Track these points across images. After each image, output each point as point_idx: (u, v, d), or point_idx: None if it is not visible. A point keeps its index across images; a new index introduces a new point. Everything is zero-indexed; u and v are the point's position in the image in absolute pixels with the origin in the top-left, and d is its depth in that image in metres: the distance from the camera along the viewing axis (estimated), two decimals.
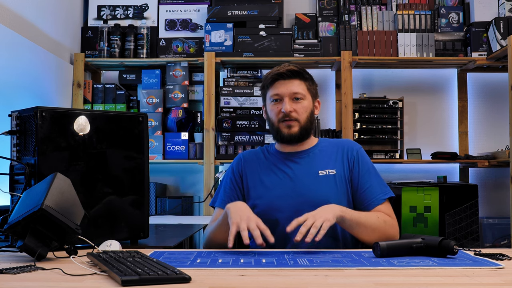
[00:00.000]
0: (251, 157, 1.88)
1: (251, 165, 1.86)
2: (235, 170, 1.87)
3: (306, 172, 1.78)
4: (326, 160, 1.80)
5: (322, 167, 1.79)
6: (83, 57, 3.39)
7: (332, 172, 1.78)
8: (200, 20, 3.61)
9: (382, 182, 1.79)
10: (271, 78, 1.80)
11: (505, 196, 3.37)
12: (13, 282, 1.09)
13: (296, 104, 1.77)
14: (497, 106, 3.59)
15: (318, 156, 1.82)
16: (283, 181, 1.78)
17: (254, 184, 1.82)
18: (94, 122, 1.61)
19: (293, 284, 1.09)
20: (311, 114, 1.81)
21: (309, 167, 1.79)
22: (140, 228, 1.69)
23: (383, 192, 1.76)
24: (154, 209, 3.32)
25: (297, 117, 1.77)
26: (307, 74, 1.83)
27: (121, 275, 1.05)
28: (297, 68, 1.79)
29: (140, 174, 1.69)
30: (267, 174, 1.81)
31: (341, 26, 3.42)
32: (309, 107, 1.80)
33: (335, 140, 1.90)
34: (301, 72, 1.80)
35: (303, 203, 1.72)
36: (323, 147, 1.85)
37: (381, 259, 1.36)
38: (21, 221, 1.30)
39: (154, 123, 3.43)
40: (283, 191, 1.76)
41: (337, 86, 3.61)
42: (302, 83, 1.79)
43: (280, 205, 1.75)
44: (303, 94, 1.78)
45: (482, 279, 1.13)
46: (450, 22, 3.47)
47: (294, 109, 1.76)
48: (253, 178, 1.83)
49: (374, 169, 1.81)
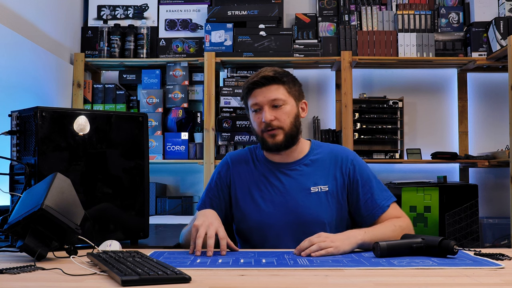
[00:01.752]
0: (240, 162, 1.78)
1: (239, 172, 1.76)
2: (222, 177, 1.77)
3: (298, 188, 1.71)
4: (319, 175, 1.72)
5: (314, 183, 1.71)
6: (83, 57, 3.40)
7: (324, 189, 1.70)
8: (200, 20, 3.61)
9: (382, 187, 1.73)
10: (247, 88, 1.71)
11: (505, 196, 3.37)
12: (13, 282, 1.09)
13: (276, 111, 1.67)
14: (497, 106, 3.59)
15: (310, 169, 1.73)
16: (274, 196, 1.71)
17: (243, 195, 1.74)
18: (94, 122, 1.61)
19: (293, 284, 1.09)
20: (296, 119, 1.70)
21: (300, 182, 1.71)
22: (140, 228, 1.69)
23: (386, 198, 1.70)
24: (154, 209, 3.32)
25: (280, 124, 1.66)
26: (286, 76, 1.71)
27: (121, 275, 1.05)
28: (272, 73, 1.67)
29: (140, 174, 1.69)
30: (257, 187, 1.73)
31: (341, 26, 3.42)
32: (292, 112, 1.69)
33: (328, 148, 1.78)
34: (276, 77, 1.67)
35: (294, 220, 1.68)
36: (316, 157, 1.75)
37: (381, 259, 1.36)
38: (21, 221, 1.30)
39: (154, 123, 3.43)
40: (274, 208, 1.70)
41: (337, 86, 3.61)
42: (281, 87, 1.68)
43: (270, 222, 1.69)
44: (282, 99, 1.67)
45: (482, 279, 1.13)
46: (450, 22, 3.47)
47: (275, 117, 1.66)
48: (242, 188, 1.75)
49: (373, 176, 1.74)
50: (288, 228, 1.69)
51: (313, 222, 1.67)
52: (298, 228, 1.68)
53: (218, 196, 1.76)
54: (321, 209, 1.68)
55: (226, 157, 1.81)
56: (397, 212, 1.71)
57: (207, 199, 1.77)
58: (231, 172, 1.77)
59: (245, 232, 1.75)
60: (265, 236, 1.71)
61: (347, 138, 3.32)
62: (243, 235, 1.76)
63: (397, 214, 1.70)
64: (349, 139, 3.33)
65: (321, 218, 1.66)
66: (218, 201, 1.76)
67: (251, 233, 1.73)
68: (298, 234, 1.66)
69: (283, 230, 1.69)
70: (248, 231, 1.74)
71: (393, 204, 1.71)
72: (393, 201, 1.72)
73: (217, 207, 1.74)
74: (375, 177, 1.75)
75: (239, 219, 1.75)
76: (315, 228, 1.64)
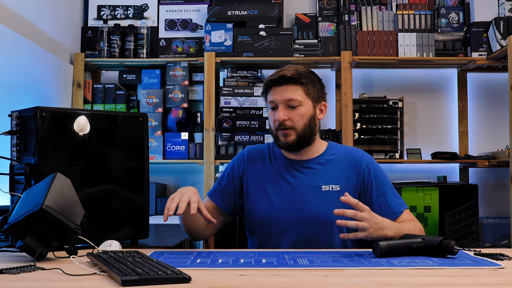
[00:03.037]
0: (256, 157, 1.81)
1: (254, 166, 1.80)
2: (235, 168, 1.82)
3: (309, 185, 1.72)
4: (332, 174, 1.73)
5: (326, 182, 1.72)
6: (83, 57, 3.39)
7: (336, 188, 1.71)
8: (200, 20, 3.61)
9: (396, 194, 1.73)
10: (265, 84, 1.73)
11: (505, 196, 3.37)
12: (13, 282, 1.09)
13: (291, 111, 1.68)
14: (497, 106, 3.59)
15: (324, 167, 1.74)
16: (285, 191, 1.73)
17: (255, 188, 1.77)
18: (94, 122, 1.61)
19: (293, 284, 1.09)
20: (311, 120, 1.71)
21: (312, 179, 1.73)
22: (140, 228, 1.69)
23: (399, 204, 1.71)
24: (154, 209, 3.32)
25: (292, 125, 1.68)
26: (306, 77, 1.71)
27: (121, 275, 1.05)
28: (291, 73, 1.68)
29: (140, 174, 1.69)
30: (270, 182, 1.75)
31: (341, 26, 3.42)
32: (307, 113, 1.70)
33: (344, 150, 1.80)
34: (295, 78, 1.68)
35: (301, 217, 1.69)
36: (331, 157, 1.76)
37: (381, 259, 1.36)
38: (21, 221, 1.30)
39: (154, 123, 3.43)
40: (283, 203, 1.72)
41: (337, 86, 3.61)
42: (299, 89, 1.69)
43: (277, 217, 1.71)
44: (298, 100, 1.68)
45: (482, 279, 1.13)
46: (450, 22, 3.47)
47: (289, 117, 1.68)
48: (255, 182, 1.77)
49: (387, 182, 1.74)
50: (294, 224, 1.70)
51: (320, 220, 1.68)
52: (304, 224, 1.69)
53: (228, 186, 1.80)
54: (330, 208, 1.66)
55: (244, 150, 1.85)
56: (412, 217, 1.72)
57: (218, 187, 1.82)
58: (246, 164, 1.80)
59: (251, 224, 1.78)
60: (270, 230, 1.73)
61: (347, 138, 3.32)
62: (250, 228, 1.80)
63: (412, 218, 1.72)
64: (349, 139, 3.33)
65: (328, 216, 1.66)
66: (228, 190, 1.80)
67: (258, 226, 1.76)
68: (304, 231, 1.68)
69: (289, 226, 1.70)
70: (255, 224, 1.77)
71: (406, 211, 1.72)
72: (406, 208, 1.72)
73: (226, 195, 1.80)
74: (390, 183, 1.75)
75: (248, 211, 1.78)
76: (321, 227, 1.66)
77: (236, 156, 1.86)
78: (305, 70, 1.73)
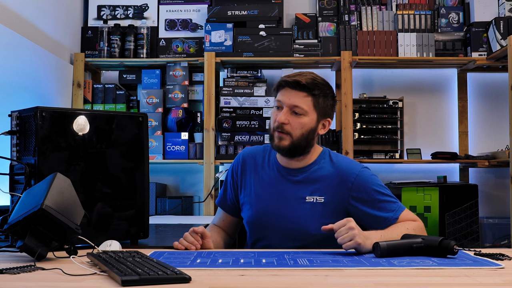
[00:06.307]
0: (250, 162, 1.81)
1: (248, 170, 1.80)
2: (234, 174, 1.84)
3: (295, 195, 1.71)
4: (319, 185, 1.70)
5: (310, 193, 1.69)
6: (83, 57, 3.39)
7: (320, 200, 1.68)
8: (200, 20, 3.61)
9: (389, 199, 1.67)
10: (279, 83, 1.69)
11: (505, 196, 3.37)
12: (13, 282, 1.09)
13: (293, 117, 1.65)
14: (497, 106, 3.59)
15: (312, 177, 1.71)
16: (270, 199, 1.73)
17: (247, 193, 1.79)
18: (94, 122, 1.61)
19: (293, 284, 1.09)
20: (310, 132, 1.67)
21: (297, 190, 1.71)
22: (140, 228, 1.69)
23: (394, 210, 1.65)
24: (154, 209, 3.32)
25: (290, 131, 1.64)
26: (320, 89, 1.66)
27: (121, 275, 1.05)
28: (306, 82, 1.64)
29: (140, 174, 1.69)
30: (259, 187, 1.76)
31: (341, 26, 3.42)
32: (308, 125, 1.66)
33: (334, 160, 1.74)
34: (307, 86, 1.64)
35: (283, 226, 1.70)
36: (321, 167, 1.72)
37: (381, 259, 1.36)
38: (21, 221, 1.30)
39: (154, 123, 3.43)
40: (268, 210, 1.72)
41: (337, 86, 3.61)
42: (309, 98, 1.65)
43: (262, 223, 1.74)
44: (304, 109, 1.64)
45: (482, 279, 1.13)
46: (450, 22, 3.47)
47: (290, 122, 1.64)
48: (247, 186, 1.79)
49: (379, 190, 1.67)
50: (277, 232, 1.72)
51: (300, 231, 1.68)
52: (286, 234, 1.70)
53: (234, 194, 1.83)
54: (312, 219, 1.67)
55: (240, 154, 1.86)
56: (410, 216, 1.67)
57: (225, 197, 1.86)
58: (241, 169, 1.82)
59: (246, 226, 1.82)
60: (257, 235, 1.76)
61: (347, 138, 3.32)
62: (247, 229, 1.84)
63: (410, 217, 1.67)
64: (349, 139, 3.33)
65: (307, 228, 1.66)
66: (235, 198, 1.83)
67: (248, 229, 1.81)
68: (286, 240, 1.69)
69: (273, 233, 1.73)
70: (247, 226, 1.82)
71: (404, 212, 1.66)
72: (401, 212, 1.66)
73: (230, 201, 1.84)
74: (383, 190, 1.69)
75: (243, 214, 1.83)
76: (301, 237, 1.67)
77: (234, 160, 1.87)
78: (322, 82, 1.68)
